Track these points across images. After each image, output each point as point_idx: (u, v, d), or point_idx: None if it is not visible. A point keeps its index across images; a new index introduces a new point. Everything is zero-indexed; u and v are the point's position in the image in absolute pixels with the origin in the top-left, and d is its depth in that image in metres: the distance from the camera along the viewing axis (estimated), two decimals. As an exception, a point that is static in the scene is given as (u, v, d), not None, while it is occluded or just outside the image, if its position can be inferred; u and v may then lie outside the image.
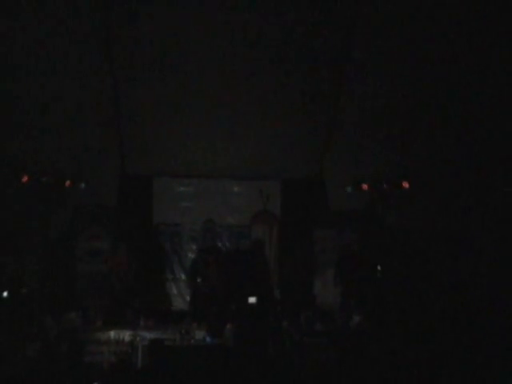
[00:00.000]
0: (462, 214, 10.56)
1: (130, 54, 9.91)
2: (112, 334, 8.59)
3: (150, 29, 9.50)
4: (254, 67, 10.16)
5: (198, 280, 10.34)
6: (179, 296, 11.89)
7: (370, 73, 10.09)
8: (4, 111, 9.60)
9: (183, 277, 11.90)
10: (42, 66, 9.40)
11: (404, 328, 8.91)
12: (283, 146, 11.50)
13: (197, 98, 10.59)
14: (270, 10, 9.31)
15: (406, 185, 10.77)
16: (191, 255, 11.84)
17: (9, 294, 9.41)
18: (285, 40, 9.73)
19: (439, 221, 10.83)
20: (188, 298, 11.26)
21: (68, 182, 10.76)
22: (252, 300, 8.93)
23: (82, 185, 10.91)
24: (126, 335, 8.55)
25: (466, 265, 10.35)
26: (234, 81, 10.34)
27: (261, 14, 9.33)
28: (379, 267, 11.18)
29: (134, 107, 10.85)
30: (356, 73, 10.22)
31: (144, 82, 10.35)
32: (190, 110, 10.84)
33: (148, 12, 9.28)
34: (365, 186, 11.20)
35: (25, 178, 10.21)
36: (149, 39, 9.70)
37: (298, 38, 9.77)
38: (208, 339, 8.62)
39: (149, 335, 8.63)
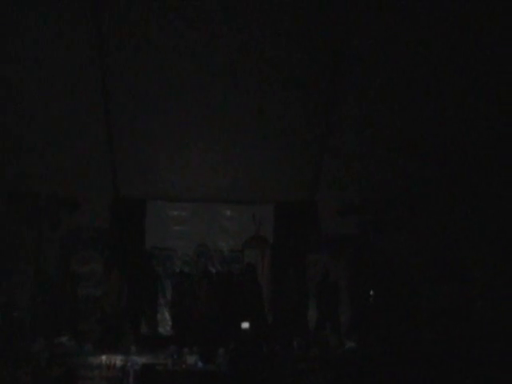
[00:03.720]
0: (454, 239, 10.59)
1: (125, 76, 9.99)
2: (103, 358, 8.54)
3: (144, 52, 9.60)
4: (247, 93, 10.25)
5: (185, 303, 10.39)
6: (171, 320, 11.79)
7: (363, 97, 10.19)
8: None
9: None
10: (34, 87, 9.53)
11: (396, 352, 8.88)
12: (276, 170, 11.54)
13: (191, 122, 10.68)
14: (262, 39, 9.48)
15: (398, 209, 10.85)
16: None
17: (0, 317, 9.34)
18: (279, 67, 9.84)
19: (431, 246, 10.86)
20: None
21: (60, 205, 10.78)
22: (245, 325, 8.91)
23: (75, 207, 10.93)
24: (118, 360, 8.49)
25: (458, 290, 10.36)
26: (228, 107, 10.43)
27: (255, 44, 9.51)
28: (371, 292, 11.16)
29: (128, 131, 10.90)
30: (349, 97, 10.32)
31: (138, 107, 10.41)
32: (183, 134, 10.91)
33: (142, 34, 9.38)
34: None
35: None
36: (143, 61, 9.78)
37: (292, 64, 9.88)
38: (200, 364, 8.58)
39: (140, 360, 8.56)
